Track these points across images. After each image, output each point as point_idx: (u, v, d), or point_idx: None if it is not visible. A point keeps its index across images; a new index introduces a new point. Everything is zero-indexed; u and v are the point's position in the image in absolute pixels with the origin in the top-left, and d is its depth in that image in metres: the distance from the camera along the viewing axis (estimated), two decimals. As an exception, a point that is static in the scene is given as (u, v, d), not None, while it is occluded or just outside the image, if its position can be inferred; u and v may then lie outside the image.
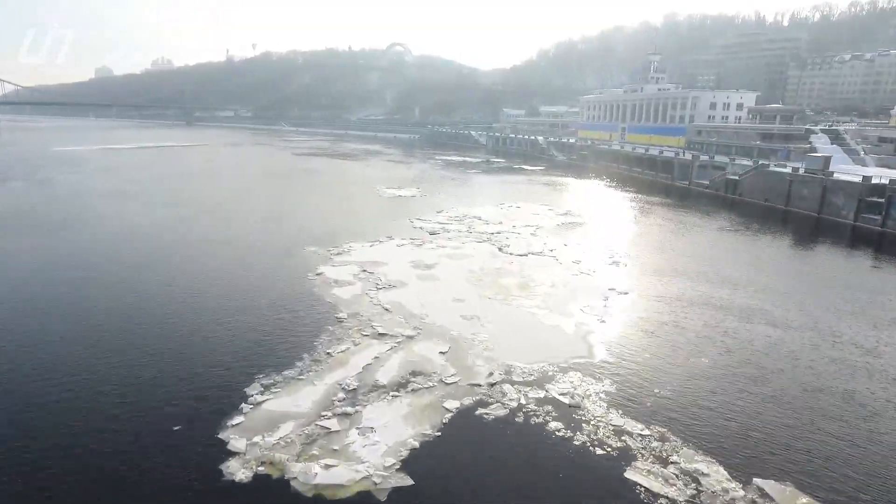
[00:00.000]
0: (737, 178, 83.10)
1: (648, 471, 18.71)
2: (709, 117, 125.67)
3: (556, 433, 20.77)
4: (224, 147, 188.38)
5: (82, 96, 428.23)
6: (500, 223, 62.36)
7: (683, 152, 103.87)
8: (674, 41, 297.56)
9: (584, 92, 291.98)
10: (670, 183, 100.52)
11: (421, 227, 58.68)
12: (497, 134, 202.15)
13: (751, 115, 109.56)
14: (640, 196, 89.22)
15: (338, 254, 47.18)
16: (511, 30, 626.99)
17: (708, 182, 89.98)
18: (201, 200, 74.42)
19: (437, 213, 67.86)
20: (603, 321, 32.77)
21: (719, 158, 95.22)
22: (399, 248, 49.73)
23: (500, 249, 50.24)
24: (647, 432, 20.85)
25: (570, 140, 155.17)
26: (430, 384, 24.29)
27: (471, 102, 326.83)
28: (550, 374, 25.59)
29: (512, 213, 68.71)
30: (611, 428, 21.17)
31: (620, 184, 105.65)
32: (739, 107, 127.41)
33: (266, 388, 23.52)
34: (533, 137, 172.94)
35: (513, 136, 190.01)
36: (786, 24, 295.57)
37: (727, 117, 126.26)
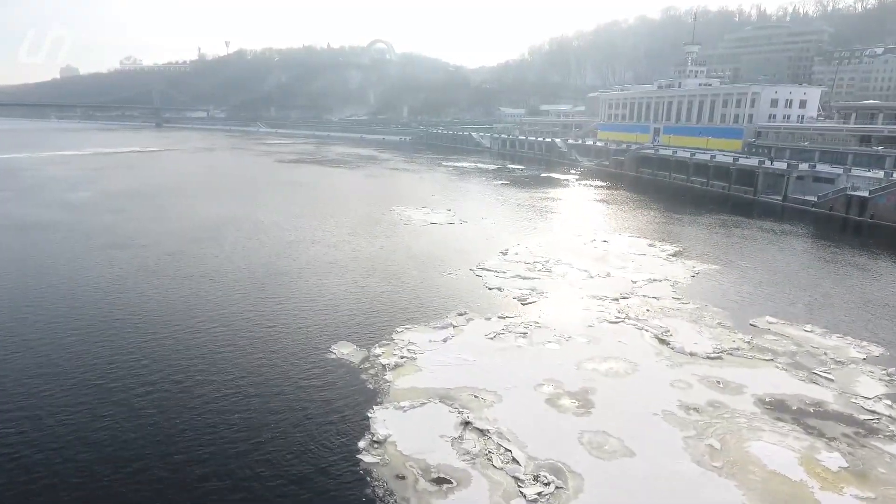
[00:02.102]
0: (866, 195, 64.27)
1: None
2: (769, 116, 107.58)
3: None
4: (196, 153, 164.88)
5: (45, 97, 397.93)
6: (607, 275, 42.32)
7: (770, 160, 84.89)
8: (675, 35, 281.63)
9: (586, 90, 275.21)
10: (752, 198, 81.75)
11: (500, 289, 38.30)
12: (503, 136, 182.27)
13: (837, 115, 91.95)
14: (739, 220, 70.05)
15: (393, 365, 26.67)
16: (496, 26, 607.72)
17: (816, 199, 71.14)
18: (154, 237, 52.69)
19: (502, 254, 47.65)
20: None
21: (822, 168, 76.64)
22: (493, 346, 29.28)
23: (663, 342, 29.97)
24: None
25: (597, 143, 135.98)
26: None
27: (462, 101, 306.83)
28: None
29: (605, 253, 48.73)
30: None
31: (685, 199, 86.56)
32: (803, 104, 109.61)
33: None
34: (549, 139, 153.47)
35: (522, 137, 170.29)
36: (788, 19, 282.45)
37: (789, 116, 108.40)
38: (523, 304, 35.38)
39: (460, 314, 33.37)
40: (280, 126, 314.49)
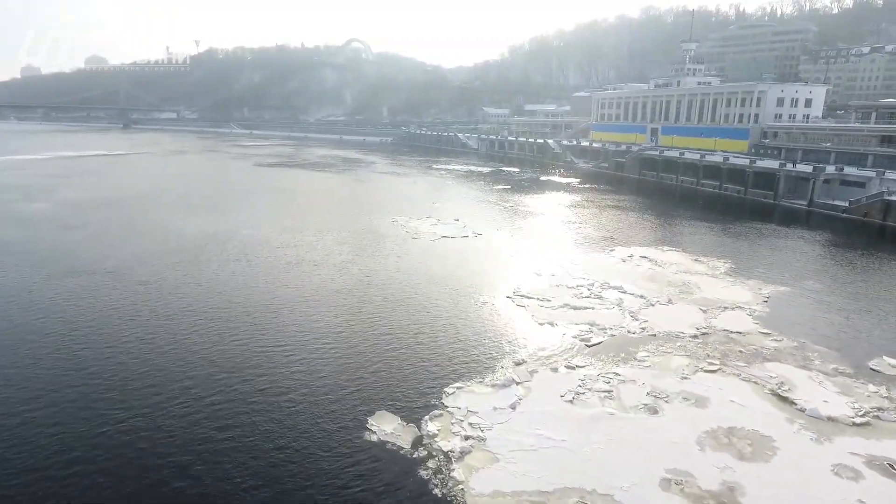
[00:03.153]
0: (906, 200, 59.80)
1: None
2: (776, 116, 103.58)
3: None
4: (167, 156, 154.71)
5: (3, 97, 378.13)
6: (669, 301, 36.26)
7: (793, 163, 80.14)
8: (656, 34, 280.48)
9: (569, 89, 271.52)
10: (772, 203, 77.00)
11: (552, 324, 31.89)
12: (490, 136, 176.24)
13: (855, 114, 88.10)
14: (771, 228, 65.09)
15: (458, 453, 19.90)
16: (473, 26, 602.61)
17: (847, 204, 66.43)
18: (123, 261, 44.76)
19: (536, 275, 41.35)
20: None
21: (849, 170, 72.20)
22: (577, 415, 22.67)
23: (785, 399, 23.75)
24: None
25: (593, 144, 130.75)
26: None
27: (443, 101, 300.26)
28: None
29: (653, 273, 42.67)
30: None
31: (699, 204, 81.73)
32: (808, 103, 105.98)
33: None
34: (541, 140, 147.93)
35: (511, 138, 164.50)
36: (766, 18, 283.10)
37: (795, 116, 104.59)
38: (589, 346, 28.89)
39: (518, 363, 26.75)
40: (254, 127, 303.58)
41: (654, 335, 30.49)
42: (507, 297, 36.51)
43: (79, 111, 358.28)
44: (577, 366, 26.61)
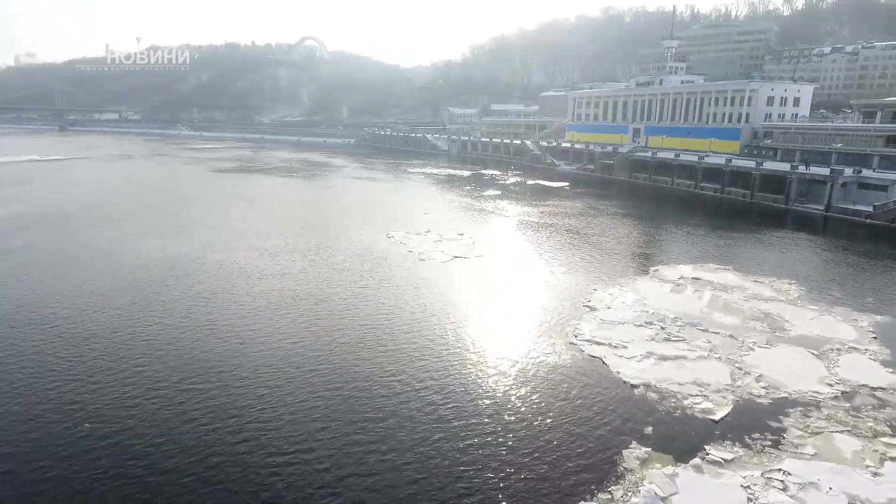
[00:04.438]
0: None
1: None
2: (766, 115, 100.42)
3: None
4: (110, 161, 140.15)
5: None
6: (768, 343, 29.75)
7: (805, 165, 75.93)
8: (617, 34, 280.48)
9: (534, 89, 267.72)
10: (783, 207, 72.71)
11: (648, 385, 24.71)
12: (463, 138, 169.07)
13: (858, 113, 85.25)
14: (795, 236, 60.32)
15: None
16: (430, 26, 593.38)
17: (872, 209, 62.36)
18: (63, 303, 35.01)
19: (590, 310, 34.17)
20: None
21: (868, 173, 68.50)
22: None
23: None
24: None
25: (576, 145, 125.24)
26: None
27: (406, 101, 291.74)
28: None
29: (721, 301, 36.23)
30: None
31: (704, 208, 77.18)
32: (797, 102, 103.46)
33: None
34: (518, 141, 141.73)
35: (485, 140, 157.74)
36: (721, 20, 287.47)
37: (784, 115, 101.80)
38: (717, 422, 21.79)
39: (643, 460, 19.32)
40: (205, 129, 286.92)
41: (786, 398, 23.68)
42: (570, 342, 29.17)
43: (8, 112, 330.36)
44: (722, 459, 19.40)
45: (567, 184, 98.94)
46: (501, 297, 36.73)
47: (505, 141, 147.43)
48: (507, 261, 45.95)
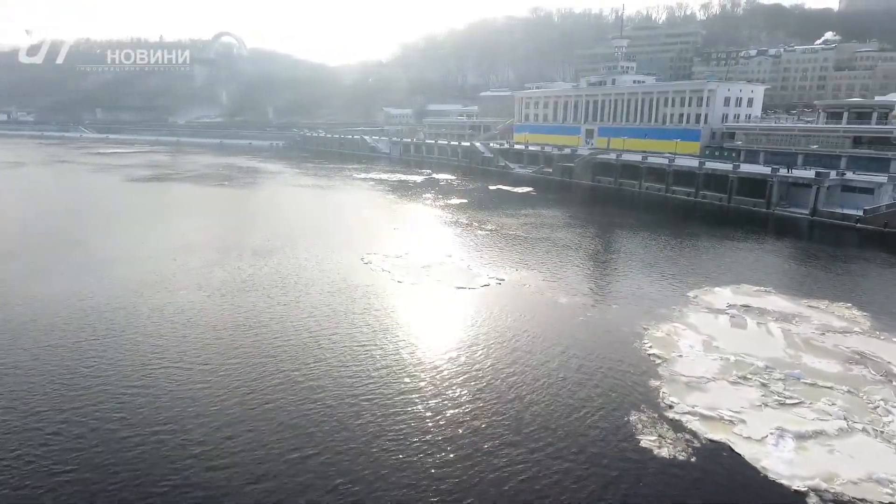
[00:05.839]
0: (941, 208, 54.23)
1: None
2: (723, 116, 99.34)
3: None
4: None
5: None
6: (880, 398, 23.79)
7: (788, 168, 73.59)
8: (549, 34, 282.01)
9: (468, 89, 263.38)
10: (764, 211, 70.15)
11: (804, 487, 17.64)
12: (405, 140, 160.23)
13: (823, 114, 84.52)
14: (792, 243, 57.05)
15: None
16: (353, 23, 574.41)
17: (862, 213, 60.32)
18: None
19: (655, 359, 27.48)
20: None
21: (854, 176, 66.77)
22: None
23: None
24: None
25: (530, 147, 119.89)
26: None
27: (336, 101, 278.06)
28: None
29: (795, 337, 30.83)
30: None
31: (678, 213, 73.62)
32: (750, 102, 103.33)
33: None
34: (468, 144, 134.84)
35: (430, 142, 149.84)
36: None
37: (739, 115, 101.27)
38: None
39: None
40: (111, 130, 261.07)
41: None
42: (672, 418, 22.10)
43: None
44: None
45: (531, 189, 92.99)
46: (544, 346, 29.12)
47: (452, 143, 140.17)
48: (520, 291, 38.41)
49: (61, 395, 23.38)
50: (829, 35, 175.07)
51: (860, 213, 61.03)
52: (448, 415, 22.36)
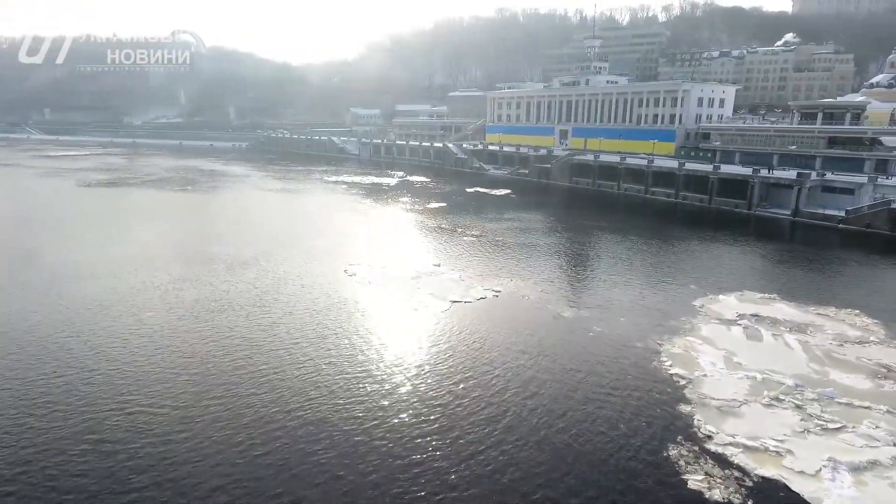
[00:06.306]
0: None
1: None
2: (697, 116, 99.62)
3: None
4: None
5: None
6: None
7: (769, 169, 73.46)
8: (516, 34, 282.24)
9: (436, 89, 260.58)
10: (745, 212, 69.99)
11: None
12: (375, 140, 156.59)
13: (797, 114, 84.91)
14: (785, 246, 56.58)
15: None
16: (314, 20, 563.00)
17: (844, 213, 60.47)
18: None
19: (682, 380, 25.42)
20: None
21: (835, 177, 67.00)
22: None
23: None
24: None
25: (505, 148, 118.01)
26: None
27: (301, 101, 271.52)
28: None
29: (815, 349, 29.69)
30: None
31: (659, 215, 73.11)
32: (722, 103, 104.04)
33: None
34: (440, 145, 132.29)
35: (401, 143, 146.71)
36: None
37: (712, 116, 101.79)
38: None
39: None
40: (62, 132, 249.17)
41: None
42: (716, 452, 20.09)
43: None
44: None
45: (509, 191, 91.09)
46: (561, 369, 26.80)
47: (424, 144, 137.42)
48: (520, 304, 36.07)
49: None
50: (789, 37, 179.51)
51: (842, 213, 61.12)
52: (472, 459, 19.76)
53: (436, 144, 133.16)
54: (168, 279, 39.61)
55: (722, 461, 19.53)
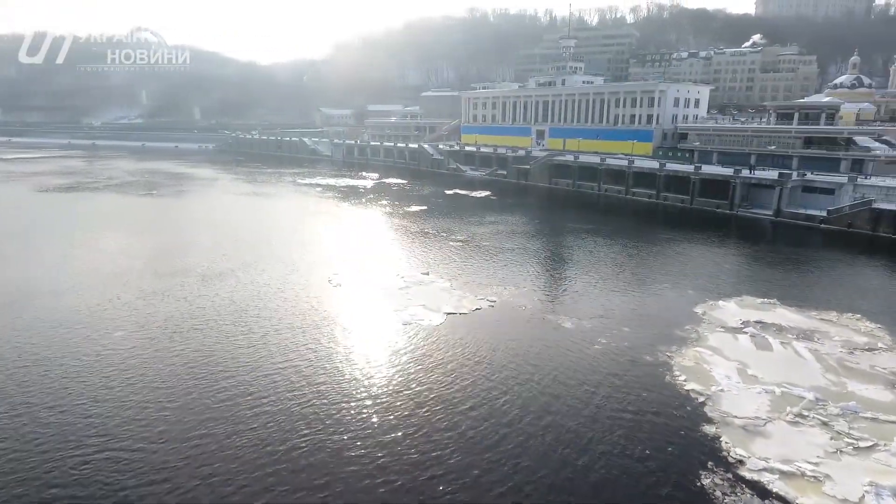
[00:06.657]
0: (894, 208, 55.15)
1: None
2: (673, 117, 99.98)
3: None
4: None
5: None
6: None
7: (750, 169, 73.58)
8: (487, 33, 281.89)
9: (408, 89, 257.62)
10: (727, 213, 70.06)
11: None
12: (348, 141, 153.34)
13: (773, 115, 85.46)
14: (769, 247, 56.39)
15: None
16: (280, 19, 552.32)
17: (826, 213, 60.83)
18: None
19: (701, 397, 24.23)
20: None
21: (815, 177, 67.49)
22: None
23: None
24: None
25: (482, 149, 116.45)
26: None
27: (269, 101, 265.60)
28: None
29: (829, 358, 28.99)
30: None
31: (644, 216, 72.60)
32: (697, 103, 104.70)
33: None
34: (416, 145, 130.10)
35: (376, 143, 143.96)
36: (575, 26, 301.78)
37: (687, 116, 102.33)
38: None
39: None
40: (16, 133, 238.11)
41: None
42: (751, 478, 18.68)
43: None
44: None
45: (489, 193, 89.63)
46: (572, 386, 25.21)
47: (399, 145, 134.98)
48: (519, 315, 34.42)
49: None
50: (756, 38, 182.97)
51: (824, 213, 61.47)
52: (483, 483, 17.93)
53: (411, 145, 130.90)
54: (138, 294, 36.65)
55: (760, 490, 18.19)
